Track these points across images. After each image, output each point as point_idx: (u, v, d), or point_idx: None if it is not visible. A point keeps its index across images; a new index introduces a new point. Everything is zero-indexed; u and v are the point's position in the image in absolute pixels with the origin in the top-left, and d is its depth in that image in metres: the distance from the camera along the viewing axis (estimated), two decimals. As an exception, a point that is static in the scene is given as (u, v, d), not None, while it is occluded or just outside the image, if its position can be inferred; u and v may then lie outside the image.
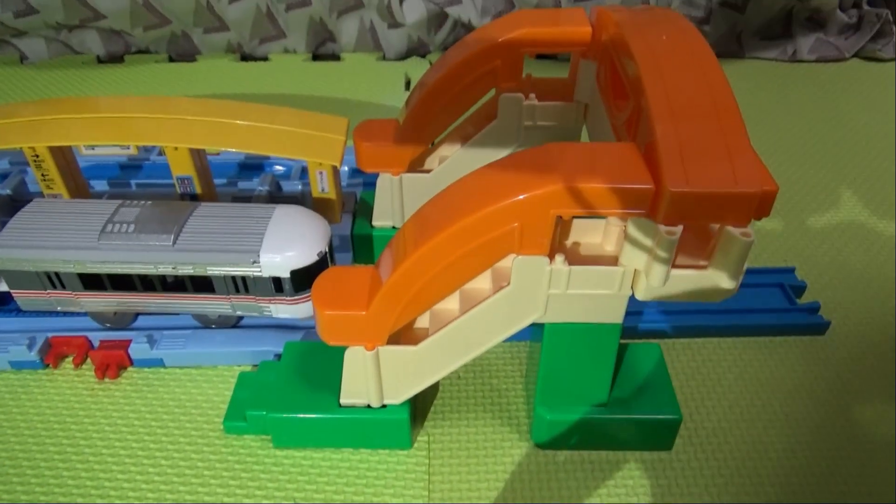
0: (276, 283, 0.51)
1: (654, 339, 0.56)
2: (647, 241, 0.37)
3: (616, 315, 0.41)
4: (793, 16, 1.00)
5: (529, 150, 0.39)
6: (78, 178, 0.61)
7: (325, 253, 0.51)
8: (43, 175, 0.58)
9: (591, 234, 0.41)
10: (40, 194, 0.60)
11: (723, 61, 0.39)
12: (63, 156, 0.59)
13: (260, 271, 0.50)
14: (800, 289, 0.60)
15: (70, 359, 0.55)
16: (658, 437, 0.47)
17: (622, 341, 0.44)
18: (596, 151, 0.38)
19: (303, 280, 0.51)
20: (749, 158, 0.35)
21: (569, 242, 0.41)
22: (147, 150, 0.75)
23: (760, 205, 0.34)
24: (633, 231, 0.37)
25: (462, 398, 0.52)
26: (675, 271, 0.37)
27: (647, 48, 0.41)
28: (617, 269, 0.39)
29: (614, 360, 0.44)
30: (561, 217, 0.37)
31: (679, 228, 0.35)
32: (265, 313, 0.53)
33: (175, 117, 0.57)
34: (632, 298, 0.40)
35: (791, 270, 0.61)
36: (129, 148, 0.56)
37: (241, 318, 0.56)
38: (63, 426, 0.50)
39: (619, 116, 0.46)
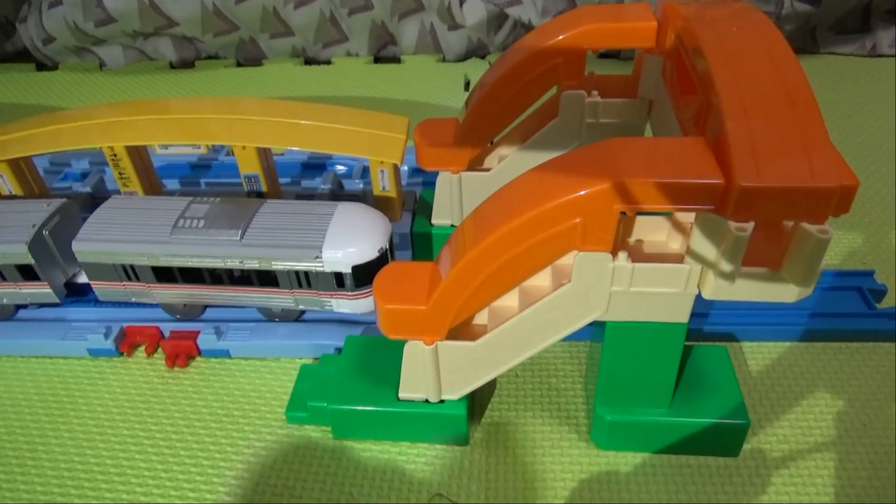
0: (338, 278, 0.51)
1: (722, 341, 0.54)
2: (716, 239, 0.35)
3: (681, 314, 0.40)
4: (871, 9, 0.95)
5: (593, 145, 0.38)
6: (152, 176, 0.63)
7: (386, 249, 0.51)
8: (120, 173, 0.60)
9: (655, 231, 0.40)
10: (118, 192, 0.62)
11: (797, 57, 0.37)
12: (139, 155, 0.61)
13: (322, 266, 0.50)
14: (879, 293, 0.56)
15: (143, 348, 0.57)
16: (724, 442, 0.45)
17: (687, 343, 0.42)
18: (662, 145, 0.37)
19: (363, 275, 0.51)
20: (827, 152, 0.33)
21: (632, 239, 0.40)
22: (216, 149, 0.77)
23: (840, 200, 0.32)
24: (700, 227, 0.36)
25: (520, 396, 0.51)
26: (745, 270, 0.35)
27: (717, 41, 0.39)
28: (683, 266, 0.37)
29: (679, 361, 0.42)
30: (625, 213, 0.36)
31: (750, 225, 0.33)
32: (326, 307, 0.54)
33: (243, 118, 0.58)
34: (698, 298, 0.39)
35: (870, 273, 0.58)
36: (199, 147, 0.57)
37: (303, 311, 0.57)
38: (136, 411, 0.52)
39: (686, 112, 0.44)
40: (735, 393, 0.45)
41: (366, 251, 0.50)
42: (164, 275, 0.53)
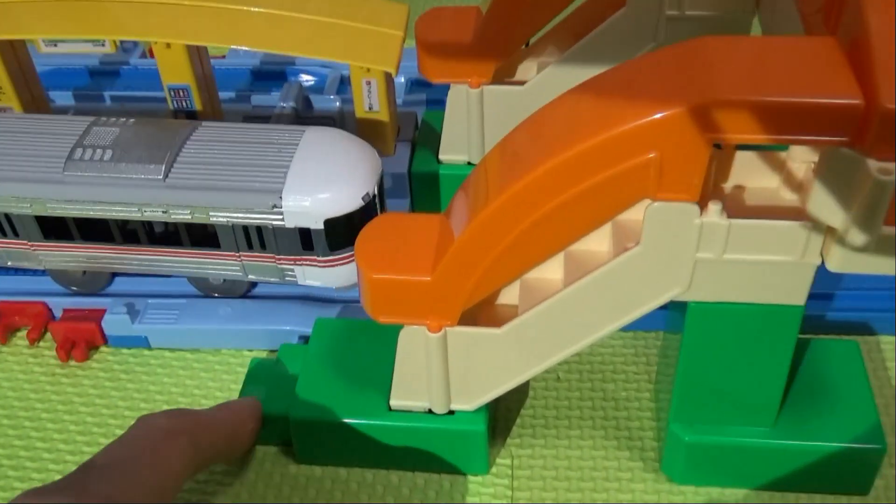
0: (305, 236, 0.52)
1: (852, 335, 0.54)
2: (849, 186, 0.35)
3: (796, 294, 0.40)
4: None
5: (675, 47, 0.38)
6: (34, 85, 0.64)
7: (374, 196, 0.52)
8: (-12, 81, 0.61)
9: (762, 174, 0.40)
10: (-15, 107, 0.63)
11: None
12: (14, 54, 0.61)
13: (282, 220, 0.51)
14: None
15: (24, 332, 0.58)
16: (849, 474, 0.46)
17: (801, 336, 0.43)
18: (774, 49, 0.37)
19: (341, 233, 0.51)
20: None
21: (729, 185, 0.40)
22: (127, 48, 0.76)
23: None
24: (827, 169, 0.36)
25: (563, 408, 0.52)
26: (887, 231, 0.36)
27: None
28: (801, 224, 0.38)
29: (789, 361, 0.43)
30: (719, 145, 0.36)
31: (899, 166, 0.33)
32: (288, 278, 0.54)
33: (167, 2, 0.57)
34: (820, 272, 0.39)
35: None
36: (103, 44, 0.57)
37: (254, 284, 0.57)
38: (14, 422, 0.53)
39: (812, 2, 0.44)
40: (868, 406, 0.45)
41: (345, 198, 0.51)
42: (55, 229, 0.54)
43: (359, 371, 0.48)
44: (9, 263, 0.57)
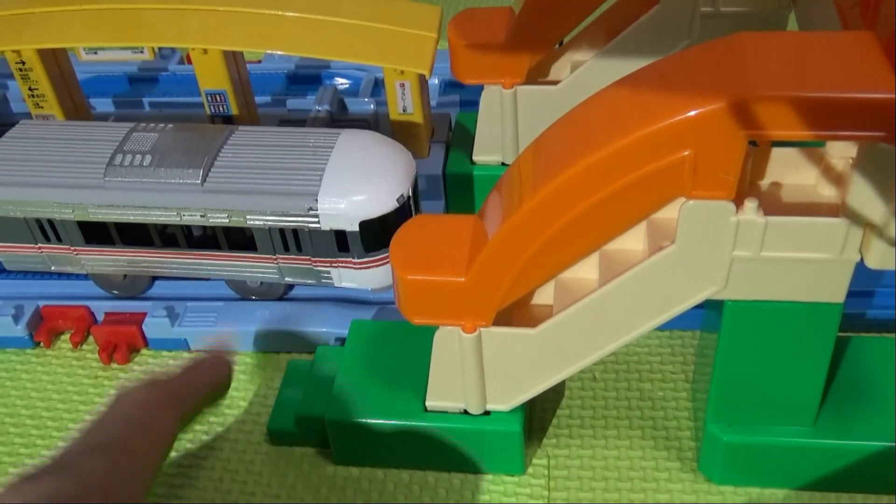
0: (340, 238, 0.52)
1: (891, 332, 0.53)
2: (889, 181, 0.35)
3: (834, 292, 0.39)
4: None
5: (710, 44, 0.38)
6: (76, 93, 0.65)
7: (408, 198, 0.52)
8: (31, 90, 0.61)
9: (798, 171, 0.40)
10: (28, 115, 0.64)
11: None
12: (57, 63, 0.62)
13: (318, 222, 0.51)
14: None
15: (67, 336, 0.59)
16: (889, 474, 0.45)
17: (840, 334, 0.42)
18: (812, 44, 0.36)
19: (377, 235, 0.52)
20: None
21: (765, 182, 0.40)
22: (166, 55, 0.77)
23: None
24: (865, 165, 0.35)
25: (599, 408, 0.52)
26: (929, 227, 0.35)
27: None
28: (839, 221, 0.37)
29: (829, 359, 0.42)
30: (755, 142, 0.35)
31: (940, 161, 0.33)
32: (324, 280, 0.55)
33: (203, 8, 0.58)
34: (859, 269, 0.38)
35: None
36: (142, 51, 0.58)
37: (291, 287, 0.58)
38: (58, 423, 0.54)
39: (849, -4, 0.44)
40: (907, 405, 0.45)
41: (380, 200, 0.51)
42: (96, 234, 0.55)
43: (394, 372, 0.48)
44: (52, 268, 0.57)
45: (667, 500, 0.47)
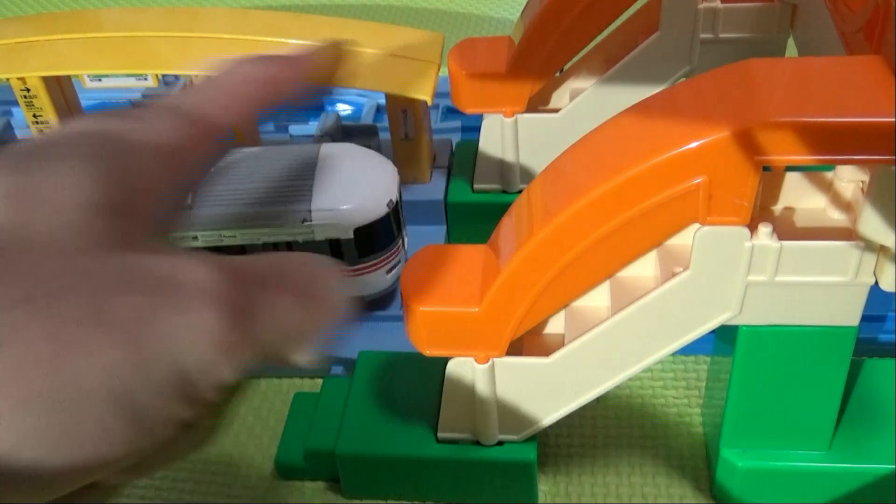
0: (335, 247, 0.52)
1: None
2: (903, 204, 0.35)
3: (849, 315, 0.39)
4: None
5: (719, 71, 0.38)
6: (79, 121, 0.64)
7: (396, 202, 0.53)
8: (35, 116, 0.61)
9: (811, 195, 0.40)
10: (31, 143, 0.63)
11: None
12: (61, 90, 0.62)
13: (312, 233, 0.51)
14: None
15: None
16: (906, 499, 0.45)
17: (854, 357, 0.42)
18: (821, 69, 0.36)
19: (370, 241, 0.52)
20: None
21: (778, 207, 0.40)
22: (169, 81, 0.77)
23: None
24: (878, 188, 0.35)
25: (605, 433, 0.51)
26: (945, 250, 0.35)
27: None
28: (852, 245, 0.37)
29: (844, 382, 0.42)
30: (769, 167, 0.35)
31: (954, 185, 0.33)
32: (318, 290, 0.54)
33: (205, 36, 0.58)
34: (873, 292, 0.38)
35: None
36: (146, 78, 0.58)
37: None
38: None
39: (852, 21, 0.44)
40: (922, 427, 0.45)
41: (371, 207, 0.52)
42: None
43: (404, 403, 0.48)
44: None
45: (681, 526, 0.47)
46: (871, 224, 0.36)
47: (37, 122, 0.62)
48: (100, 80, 0.59)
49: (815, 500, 0.46)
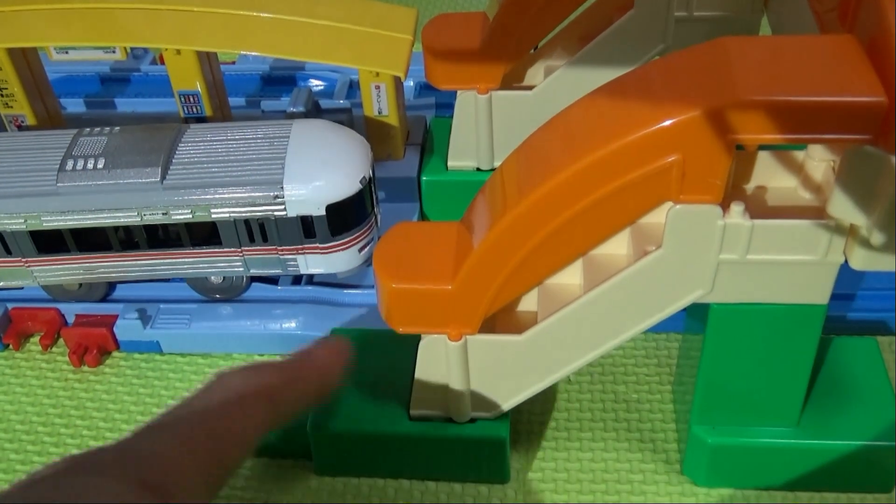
0: (306, 224, 0.52)
1: (872, 334, 0.53)
2: (872, 184, 0.35)
3: (819, 293, 0.40)
4: None
5: (693, 49, 0.37)
6: (46, 93, 0.63)
7: (369, 180, 0.52)
8: (0, 90, 0.60)
9: (782, 174, 0.40)
10: (-4, 117, 0.62)
11: None
12: (27, 62, 0.61)
13: (284, 210, 0.51)
14: None
15: (37, 338, 0.57)
16: (873, 471, 0.46)
17: (823, 336, 0.42)
18: (795, 48, 0.36)
19: (342, 218, 0.52)
20: None
21: (750, 186, 0.40)
22: (138, 54, 0.76)
23: None
24: (849, 168, 0.35)
25: (574, 411, 0.52)
26: (914, 229, 0.35)
27: None
28: (823, 224, 0.37)
29: (812, 360, 0.42)
30: (742, 146, 0.35)
31: (924, 164, 0.33)
32: (290, 269, 0.54)
33: (176, 8, 0.57)
34: (842, 271, 0.39)
35: None
36: (114, 51, 0.57)
37: (249, 284, 0.57)
38: (28, 427, 0.52)
39: (826, 1, 0.44)
40: (886, 403, 0.45)
41: (343, 183, 0.51)
42: (50, 243, 0.53)
43: (377, 381, 0.48)
44: (1, 283, 0.55)
45: (640, 500, 0.47)
46: (842, 204, 0.36)
47: (2, 96, 0.60)
48: (66, 52, 0.58)
49: (784, 475, 0.46)
